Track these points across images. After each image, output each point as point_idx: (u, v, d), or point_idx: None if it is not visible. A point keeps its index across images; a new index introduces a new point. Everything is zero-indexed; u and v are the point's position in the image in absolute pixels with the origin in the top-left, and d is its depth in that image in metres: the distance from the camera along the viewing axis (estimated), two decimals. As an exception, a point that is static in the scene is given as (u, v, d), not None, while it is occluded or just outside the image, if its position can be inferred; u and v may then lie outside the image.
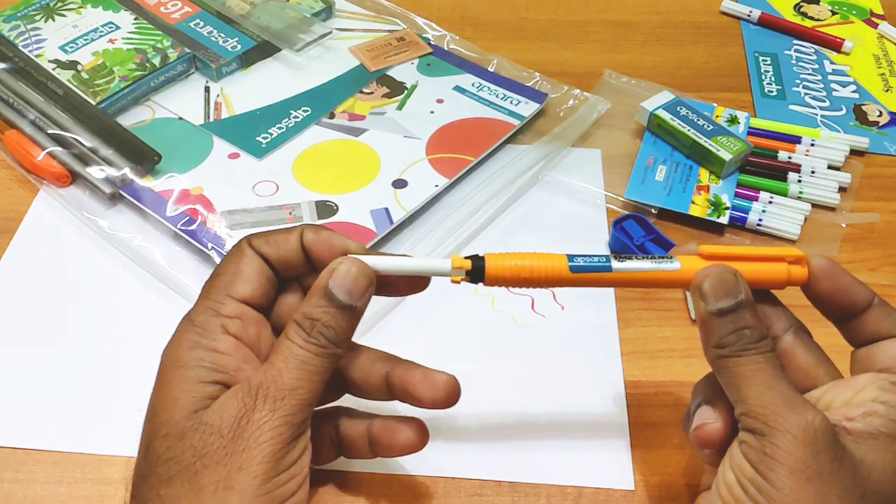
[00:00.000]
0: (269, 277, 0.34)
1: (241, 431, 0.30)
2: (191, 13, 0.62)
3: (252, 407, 0.30)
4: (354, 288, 0.32)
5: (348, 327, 0.32)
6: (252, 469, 0.30)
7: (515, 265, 0.34)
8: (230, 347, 0.32)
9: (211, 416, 0.30)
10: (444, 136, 0.55)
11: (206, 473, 0.29)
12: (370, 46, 0.62)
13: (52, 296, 0.47)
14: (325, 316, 0.32)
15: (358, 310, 0.32)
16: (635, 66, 0.64)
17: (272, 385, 0.31)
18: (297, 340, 0.32)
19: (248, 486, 0.29)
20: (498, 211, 0.52)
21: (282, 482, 0.30)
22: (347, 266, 0.32)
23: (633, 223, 0.49)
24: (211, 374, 0.31)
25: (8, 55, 0.57)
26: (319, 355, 0.32)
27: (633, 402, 0.42)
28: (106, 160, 0.51)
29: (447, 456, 0.40)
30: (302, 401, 0.31)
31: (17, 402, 0.42)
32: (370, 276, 0.33)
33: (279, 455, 0.30)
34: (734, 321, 0.32)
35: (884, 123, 0.60)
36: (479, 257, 0.34)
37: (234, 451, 0.30)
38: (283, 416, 0.30)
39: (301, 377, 0.31)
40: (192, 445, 0.30)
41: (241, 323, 0.33)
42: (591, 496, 0.39)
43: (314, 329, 0.32)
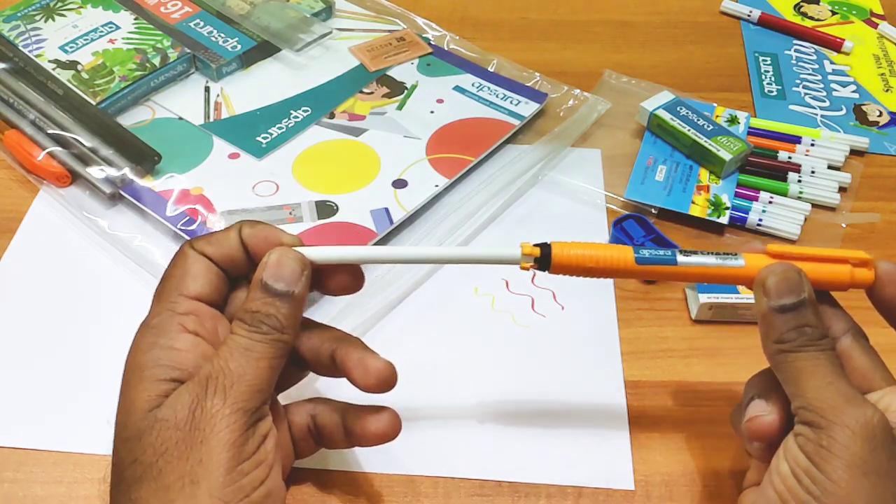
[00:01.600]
0: (217, 274, 0.34)
1: (197, 422, 0.30)
2: (191, 13, 0.62)
3: (203, 396, 0.30)
4: (287, 275, 0.33)
5: (290, 314, 0.33)
6: (214, 460, 0.30)
7: (582, 255, 0.34)
8: (188, 345, 0.32)
9: (165, 411, 0.30)
10: (444, 136, 0.55)
11: (170, 470, 0.30)
12: (370, 46, 0.62)
13: (52, 296, 0.47)
14: (264, 306, 0.32)
15: (296, 295, 0.33)
16: (635, 66, 0.64)
17: (220, 374, 0.31)
18: (240, 332, 0.32)
19: (213, 478, 0.29)
20: (498, 211, 0.52)
21: (247, 470, 0.30)
22: (277, 255, 0.33)
23: (633, 223, 0.49)
24: (168, 372, 0.31)
25: (8, 55, 0.57)
26: (262, 342, 0.32)
27: (633, 403, 0.42)
28: (106, 160, 0.51)
29: (447, 456, 0.40)
30: (251, 387, 0.31)
31: (17, 402, 0.42)
32: (301, 262, 0.33)
33: (238, 443, 0.30)
34: (796, 318, 0.32)
35: (884, 123, 0.60)
36: (546, 245, 0.34)
37: (192, 443, 0.30)
38: (234, 402, 0.30)
39: (246, 363, 0.31)
40: (151, 443, 0.30)
41: (198, 318, 0.33)
42: (591, 496, 0.39)
43: (255, 319, 0.32)
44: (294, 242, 0.34)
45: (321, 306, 0.45)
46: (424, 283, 0.48)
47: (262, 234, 0.34)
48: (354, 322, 0.44)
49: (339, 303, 0.45)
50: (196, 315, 0.33)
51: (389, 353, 0.44)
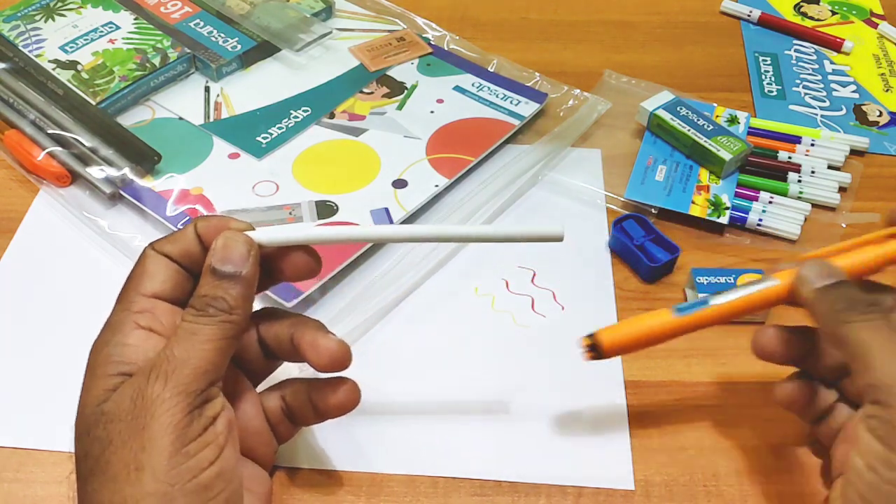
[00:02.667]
0: (176, 271, 0.34)
1: (138, 411, 0.30)
2: (191, 13, 0.62)
3: (145, 385, 0.31)
4: (234, 257, 0.33)
5: (238, 294, 0.33)
6: (156, 445, 0.30)
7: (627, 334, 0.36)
8: (139, 340, 0.33)
9: (109, 404, 0.31)
10: (444, 136, 0.55)
11: (116, 460, 0.30)
12: (370, 46, 0.62)
13: (52, 296, 0.47)
14: (212, 290, 0.33)
15: (245, 276, 0.33)
16: (635, 66, 0.64)
17: (163, 362, 0.31)
18: (188, 318, 0.32)
19: (157, 462, 0.30)
20: (498, 211, 0.52)
21: (193, 451, 0.30)
22: (223, 240, 0.33)
23: (633, 223, 0.49)
24: (117, 367, 0.32)
25: (8, 55, 0.57)
26: (210, 324, 0.32)
27: (633, 403, 0.42)
28: (106, 160, 0.51)
29: (447, 456, 0.40)
30: (195, 369, 0.31)
31: (17, 402, 0.42)
32: (247, 243, 0.34)
33: (182, 425, 0.30)
34: (842, 293, 0.33)
35: (884, 123, 0.60)
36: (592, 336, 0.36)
37: (134, 432, 0.30)
38: (175, 386, 0.31)
39: (190, 347, 0.31)
40: (98, 437, 0.30)
41: (153, 315, 0.33)
42: (591, 496, 0.39)
43: (203, 304, 0.33)
44: (243, 227, 0.35)
45: (321, 306, 0.45)
46: (424, 283, 0.48)
47: (214, 223, 0.35)
48: (355, 322, 0.44)
49: (339, 303, 0.45)
50: (151, 312, 0.33)
51: (389, 353, 0.44)
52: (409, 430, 0.41)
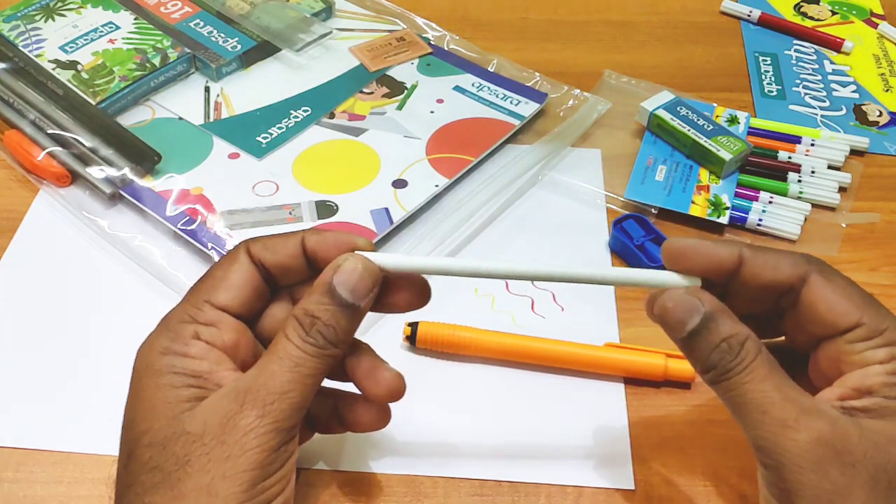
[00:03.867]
0: (256, 287, 0.33)
1: (225, 437, 0.29)
2: (191, 13, 0.62)
3: (238, 412, 0.29)
4: (359, 286, 0.31)
5: (349, 328, 0.32)
6: (237, 477, 0.29)
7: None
8: (201, 351, 0.31)
9: (193, 423, 0.30)
10: (444, 136, 0.55)
11: (189, 480, 0.29)
12: (370, 46, 0.62)
13: (52, 296, 0.47)
14: (325, 314, 0.31)
15: (361, 310, 0.32)
16: (635, 66, 0.64)
17: (262, 389, 0.30)
18: (294, 339, 0.31)
19: (231, 492, 0.29)
20: (498, 211, 0.52)
21: (268, 486, 0.30)
22: (353, 263, 0.31)
23: (633, 223, 0.49)
24: (185, 380, 0.31)
25: (8, 55, 0.57)
26: (315, 356, 0.31)
27: (633, 402, 0.42)
28: (106, 160, 0.51)
29: (447, 456, 0.40)
30: (292, 405, 0.30)
31: (17, 402, 0.42)
32: (376, 275, 0.32)
33: (267, 462, 0.29)
34: (709, 340, 0.31)
35: (884, 123, 0.60)
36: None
37: (217, 459, 0.29)
38: (272, 422, 0.30)
39: (293, 379, 0.30)
40: (175, 453, 0.29)
41: (216, 330, 0.32)
42: (591, 496, 0.39)
43: (313, 328, 0.31)
44: (368, 248, 0.33)
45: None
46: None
47: (332, 239, 0.33)
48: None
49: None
50: (216, 326, 0.32)
51: (389, 353, 0.44)
52: (409, 430, 0.41)
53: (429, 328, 0.43)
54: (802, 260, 0.32)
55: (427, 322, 0.43)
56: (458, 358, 0.44)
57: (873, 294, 0.48)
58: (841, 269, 0.46)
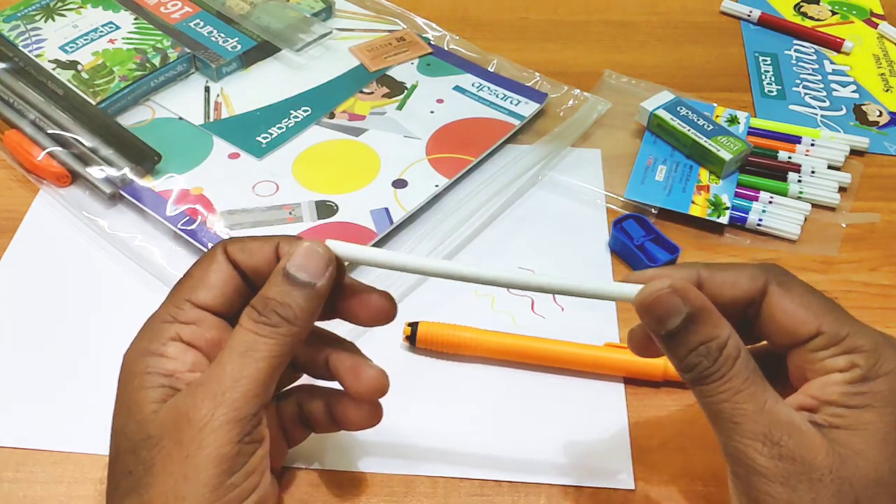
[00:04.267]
0: (235, 287, 0.33)
1: (181, 436, 0.29)
2: (191, 13, 0.62)
3: (191, 407, 0.29)
4: (312, 266, 0.31)
5: (306, 306, 0.31)
6: (200, 476, 0.28)
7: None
8: (177, 352, 0.31)
9: (154, 426, 0.29)
10: (444, 136, 0.55)
11: (155, 485, 0.29)
12: (370, 46, 0.62)
13: (52, 296, 0.47)
14: (280, 294, 0.31)
15: (318, 289, 0.31)
16: (635, 66, 0.64)
17: (212, 381, 0.30)
18: (247, 323, 0.31)
19: (199, 493, 0.28)
20: (498, 211, 0.52)
21: (237, 482, 0.29)
22: (305, 246, 0.32)
23: (633, 223, 0.49)
24: (157, 380, 0.31)
25: (8, 55, 0.57)
26: (269, 336, 0.31)
27: (633, 403, 0.42)
28: (106, 160, 0.51)
29: (447, 456, 0.40)
30: (247, 391, 0.29)
31: (18, 402, 0.42)
32: (328, 256, 0.32)
33: (229, 456, 0.29)
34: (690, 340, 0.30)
35: (884, 123, 0.60)
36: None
37: (177, 460, 0.29)
38: (225, 412, 0.29)
39: (245, 364, 0.30)
40: (143, 459, 0.29)
41: (198, 328, 0.32)
42: (591, 496, 0.39)
43: (267, 307, 0.31)
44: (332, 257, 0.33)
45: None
46: (424, 283, 0.48)
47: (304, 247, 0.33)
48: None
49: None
50: (197, 325, 0.32)
51: (389, 353, 0.44)
52: (409, 430, 0.41)
53: (429, 328, 0.43)
54: (760, 272, 0.32)
55: (427, 322, 0.43)
56: (458, 358, 0.44)
57: (872, 294, 0.48)
58: (841, 269, 0.47)
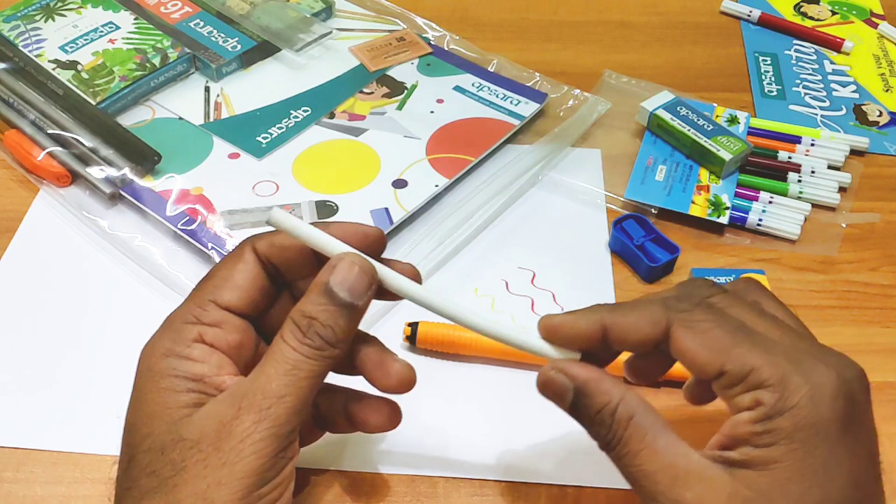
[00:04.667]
0: (261, 287, 0.33)
1: (221, 444, 0.29)
2: (191, 13, 0.62)
3: (235, 417, 0.29)
4: (356, 284, 0.31)
5: (348, 327, 0.31)
6: (233, 484, 0.28)
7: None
8: (203, 354, 0.31)
9: (190, 430, 0.29)
10: (444, 136, 0.55)
11: (185, 487, 0.29)
12: (370, 46, 0.62)
13: (52, 296, 0.47)
14: (323, 314, 0.31)
15: (359, 309, 0.31)
16: (635, 66, 0.64)
17: (258, 393, 0.29)
18: (292, 342, 0.30)
19: (227, 500, 0.28)
20: (498, 211, 0.52)
21: (265, 493, 0.29)
22: (349, 262, 0.31)
23: (633, 223, 0.49)
24: (185, 384, 0.30)
25: (8, 55, 0.57)
26: (313, 358, 0.30)
27: (633, 402, 0.42)
28: (106, 160, 0.51)
29: (447, 456, 0.40)
30: (290, 409, 0.30)
31: (18, 402, 0.42)
32: (372, 274, 0.32)
33: (263, 468, 0.29)
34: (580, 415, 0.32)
35: (884, 123, 0.60)
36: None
37: (213, 466, 0.29)
38: (269, 427, 0.29)
39: (290, 383, 0.30)
40: (172, 460, 0.29)
41: (221, 331, 0.32)
42: (591, 496, 0.39)
43: (311, 329, 0.30)
44: (377, 234, 0.33)
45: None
46: (424, 284, 0.47)
47: (338, 229, 0.32)
48: (354, 322, 0.44)
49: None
50: (220, 327, 0.32)
51: (389, 353, 0.44)
52: (409, 430, 0.41)
53: (429, 328, 0.43)
54: (661, 312, 0.31)
55: (427, 322, 0.43)
56: (458, 358, 0.44)
57: (872, 294, 0.48)
58: (841, 269, 0.47)
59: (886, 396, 0.43)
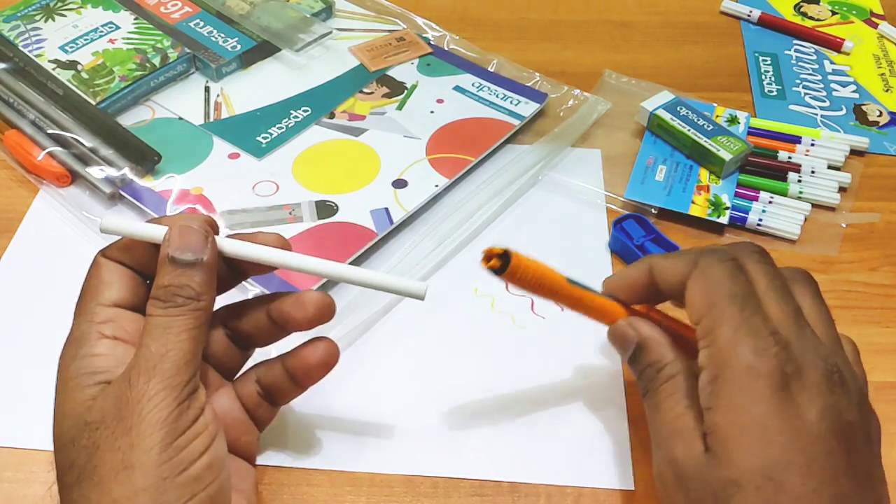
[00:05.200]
0: (132, 277, 0.34)
1: (124, 413, 0.30)
2: (191, 13, 0.62)
3: (127, 386, 0.30)
4: (192, 243, 0.33)
5: (203, 280, 0.33)
6: (146, 441, 0.29)
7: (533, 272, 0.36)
8: (107, 348, 0.32)
9: (93, 413, 0.30)
10: (444, 136, 0.55)
11: (103, 464, 0.29)
12: (370, 46, 0.62)
13: (51, 296, 0.47)
14: (175, 279, 0.32)
15: (206, 262, 0.33)
16: (635, 66, 0.64)
17: (140, 360, 0.31)
18: (156, 312, 0.32)
19: (147, 458, 0.29)
20: (498, 211, 0.52)
21: (184, 444, 0.30)
22: (178, 227, 0.33)
23: (633, 223, 0.49)
24: (92, 378, 0.31)
25: (8, 55, 0.57)
26: (180, 315, 0.32)
27: (632, 402, 0.42)
28: (106, 160, 0.51)
29: (447, 456, 0.40)
30: (176, 362, 0.31)
31: (17, 402, 0.42)
32: (203, 228, 0.33)
33: (171, 419, 0.30)
34: (635, 364, 0.36)
35: (884, 123, 0.60)
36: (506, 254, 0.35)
37: (122, 433, 0.30)
38: (160, 381, 0.30)
39: (167, 341, 0.31)
40: (84, 446, 0.30)
41: (117, 324, 0.33)
42: (591, 496, 0.39)
43: (168, 294, 0.32)
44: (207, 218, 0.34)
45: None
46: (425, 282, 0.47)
47: (171, 219, 0.34)
48: (354, 322, 0.44)
49: (338, 303, 0.45)
50: (115, 321, 0.33)
51: (388, 353, 0.44)
52: (409, 430, 0.41)
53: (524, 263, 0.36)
54: (691, 259, 0.34)
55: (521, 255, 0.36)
56: (459, 357, 0.44)
57: (872, 294, 0.48)
58: (841, 269, 0.47)
59: (886, 396, 0.43)
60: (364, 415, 0.41)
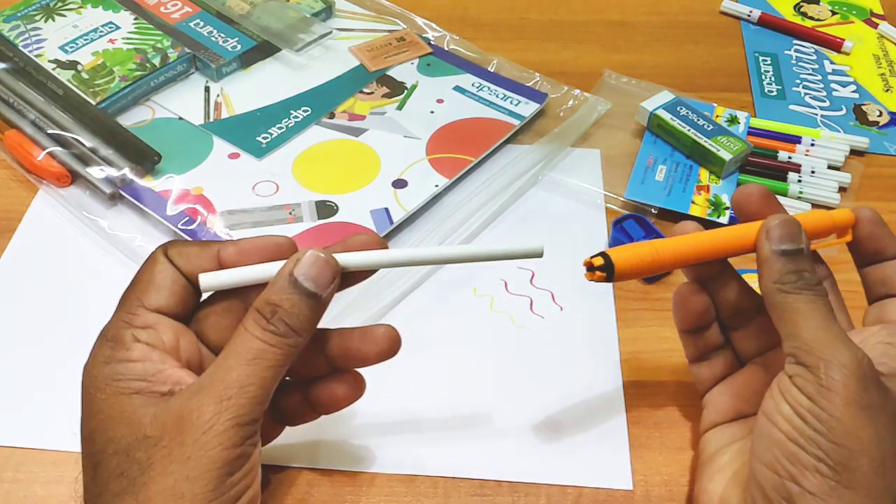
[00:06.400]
0: (184, 286, 0.33)
1: (184, 438, 0.29)
2: (191, 13, 0.62)
3: (195, 410, 0.29)
4: (320, 276, 0.32)
5: (311, 317, 0.32)
6: (201, 477, 0.29)
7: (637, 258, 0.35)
8: (143, 354, 0.31)
9: (153, 427, 0.29)
10: (444, 136, 0.55)
11: (153, 484, 0.29)
12: (370, 46, 0.62)
13: (51, 296, 0.47)
14: (287, 302, 0.31)
15: (322, 300, 0.32)
16: (635, 66, 0.64)
17: (218, 384, 0.30)
18: (255, 330, 0.31)
19: (199, 491, 0.29)
20: (498, 211, 0.52)
21: (235, 482, 0.30)
22: (313, 254, 0.32)
23: (633, 223, 0.49)
24: (133, 384, 0.31)
25: (8, 55, 0.57)
26: (276, 346, 0.31)
27: (632, 402, 0.42)
28: (106, 160, 0.51)
29: (447, 456, 0.40)
30: (252, 399, 0.30)
31: (17, 402, 0.42)
32: (335, 267, 0.32)
33: (230, 458, 0.29)
34: (795, 262, 0.34)
35: (884, 123, 0.60)
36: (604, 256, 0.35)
37: (178, 460, 0.29)
38: (231, 418, 0.29)
39: (252, 372, 0.30)
40: (138, 459, 0.29)
41: (154, 332, 0.32)
42: (590, 496, 0.39)
43: (275, 315, 0.31)
44: (288, 245, 0.33)
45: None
46: (423, 284, 0.48)
47: (250, 246, 0.33)
48: (354, 322, 0.44)
49: (339, 303, 0.45)
50: (153, 328, 0.32)
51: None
52: (409, 430, 0.41)
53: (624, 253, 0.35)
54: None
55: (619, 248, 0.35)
56: (458, 357, 0.44)
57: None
58: (841, 268, 0.47)
59: (886, 396, 0.43)
60: (364, 415, 0.41)
